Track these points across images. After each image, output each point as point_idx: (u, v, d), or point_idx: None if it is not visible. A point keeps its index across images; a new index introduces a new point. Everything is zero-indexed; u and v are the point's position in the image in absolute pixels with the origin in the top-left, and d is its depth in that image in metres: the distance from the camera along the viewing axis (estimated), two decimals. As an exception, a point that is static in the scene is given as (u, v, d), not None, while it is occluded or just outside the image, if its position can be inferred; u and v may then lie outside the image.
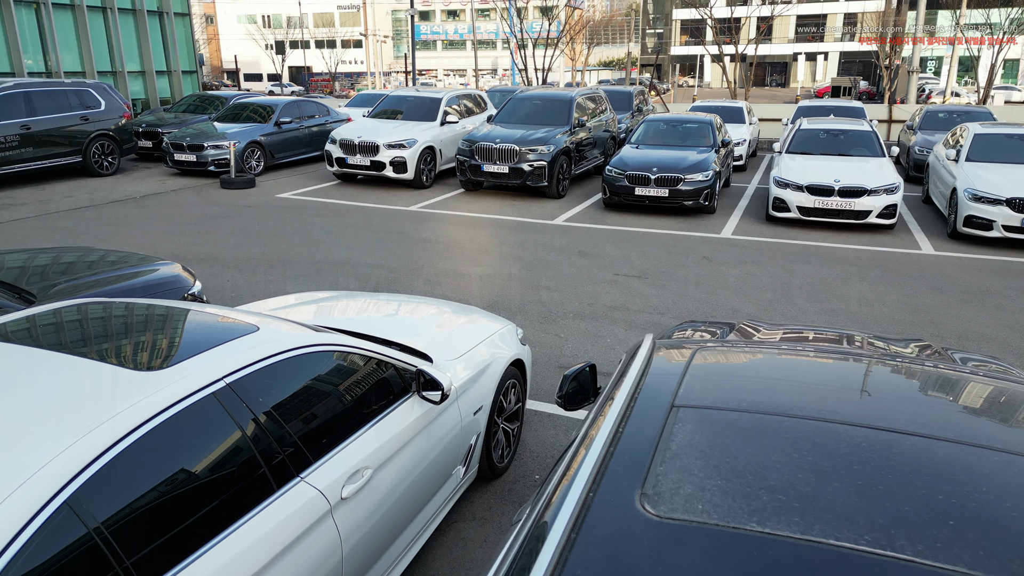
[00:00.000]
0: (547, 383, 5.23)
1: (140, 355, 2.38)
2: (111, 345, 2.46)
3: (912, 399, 1.73)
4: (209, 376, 2.27)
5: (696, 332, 3.60)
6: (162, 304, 2.88)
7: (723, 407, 1.57)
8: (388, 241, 9.20)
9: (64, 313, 2.72)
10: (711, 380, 1.74)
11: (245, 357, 2.42)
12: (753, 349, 2.17)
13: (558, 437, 4.49)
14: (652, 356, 1.94)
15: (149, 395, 2.09)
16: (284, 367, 2.56)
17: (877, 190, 9.53)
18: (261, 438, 2.34)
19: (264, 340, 2.57)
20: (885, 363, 2.08)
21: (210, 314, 2.85)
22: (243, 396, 2.34)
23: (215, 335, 2.58)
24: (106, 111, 13.59)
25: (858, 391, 1.73)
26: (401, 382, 3.11)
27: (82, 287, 4.31)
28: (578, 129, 12.71)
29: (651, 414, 1.54)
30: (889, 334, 5.88)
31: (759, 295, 7.19)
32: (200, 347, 2.43)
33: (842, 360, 2.08)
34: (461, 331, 3.97)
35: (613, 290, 7.33)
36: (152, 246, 8.72)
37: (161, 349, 2.44)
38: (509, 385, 4.04)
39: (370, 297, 4.57)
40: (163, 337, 2.56)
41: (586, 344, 5.94)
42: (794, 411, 1.54)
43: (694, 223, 10.33)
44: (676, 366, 1.84)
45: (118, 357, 2.35)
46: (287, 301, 4.37)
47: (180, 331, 2.64)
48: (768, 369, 1.93)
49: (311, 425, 2.57)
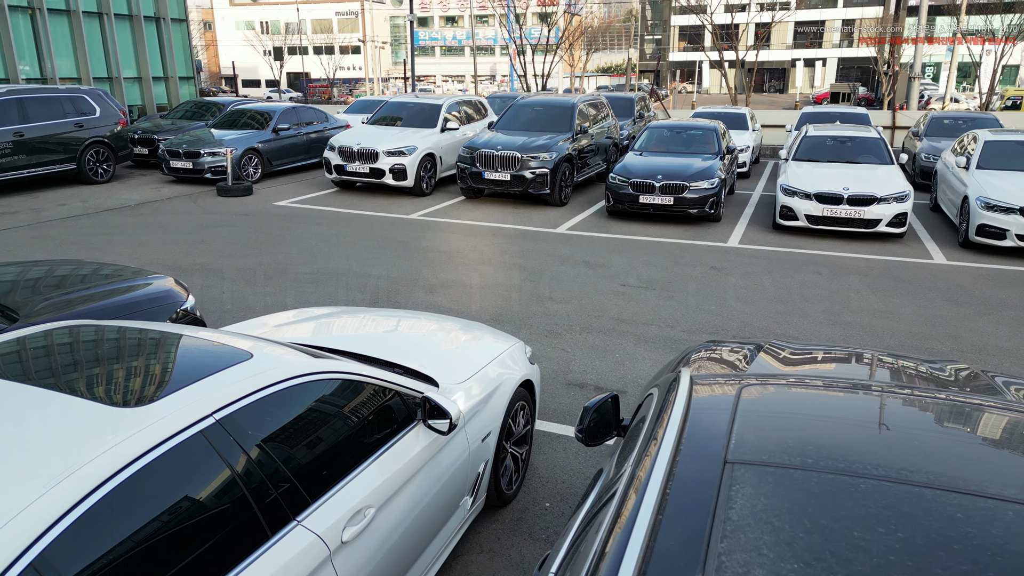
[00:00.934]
0: (555, 401, 5.02)
1: (120, 389, 2.17)
2: (88, 377, 2.25)
3: (994, 454, 1.53)
4: (196, 412, 2.06)
5: (720, 351, 3.40)
6: (148, 328, 2.67)
7: (786, 464, 1.36)
8: (388, 250, 8.99)
9: (39, 339, 2.50)
10: (764, 427, 1.54)
11: (237, 389, 2.21)
12: (800, 384, 1.96)
13: (568, 460, 4.28)
14: (691, 395, 1.73)
15: (128, 437, 1.87)
16: (279, 398, 2.35)
17: (887, 198, 9.34)
18: (254, 479, 2.13)
19: (258, 369, 2.36)
20: (950, 402, 1.87)
21: (200, 339, 2.63)
22: (234, 433, 2.13)
23: (204, 364, 2.37)
24: (101, 118, 13.39)
25: (931, 440, 1.53)
26: (405, 410, 2.90)
27: (69, 304, 4.10)
28: (580, 136, 12.53)
29: (702, 471, 1.34)
30: (923, 355, 5.68)
31: (770, 307, 6.99)
32: (187, 378, 2.22)
33: (900, 398, 1.88)
34: (467, 351, 3.76)
35: (620, 301, 7.12)
36: (146, 256, 8.50)
37: (144, 381, 2.23)
38: (518, 407, 3.83)
39: (371, 313, 4.36)
40: (147, 367, 2.35)
41: (594, 359, 5.73)
42: (869, 469, 1.34)
43: (700, 232, 10.14)
44: (722, 409, 1.64)
45: (95, 391, 2.13)
46: (285, 318, 4.16)
47: (166, 360, 2.43)
48: (823, 409, 1.73)
49: (309, 461, 2.36)
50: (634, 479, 1.40)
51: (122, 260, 8.31)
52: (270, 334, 3.76)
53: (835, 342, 6.08)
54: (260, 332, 3.78)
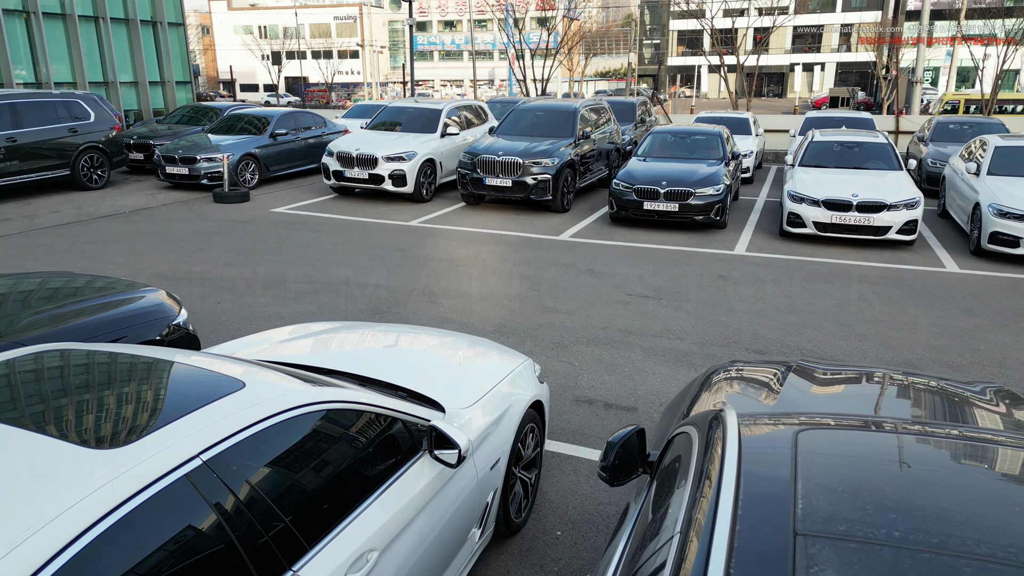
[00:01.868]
0: (563, 419, 4.81)
1: (94, 426, 1.96)
2: (57, 411, 2.04)
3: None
4: (180, 454, 1.85)
5: (748, 372, 3.19)
6: (128, 354, 2.46)
7: (868, 538, 1.16)
8: (387, 259, 8.79)
9: (2, 367, 2.29)
10: (833, 486, 1.33)
11: (226, 426, 2.00)
12: (860, 425, 1.76)
13: (579, 484, 4.07)
14: (742, 442, 1.53)
15: (102, 485, 1.67)
16: (274, 433, 2.14)
17: (897, 205, 9.15)
18: (244, 525, 1.92)
19: (250, 401, 2.15)
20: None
21: (187, 366, 2.43)
22: (223, 474, 1.92)
23: (191, 396, 2.17)
24: (96, 123, 13.18)
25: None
26: (410, 439, 2.70)
27: (52, 320, 3.88)
28: (583, 141, 12.34)
29: (769, 546, 1.14)
30: (959, 376, 5.48)
31: (781, 317, 6.79)
32: (172, 414, 2.02)
33: (973, 445, 1.67)
34: (474, 371, 3.55)
35: (627, 312, 6.92)
36: (139, 265, 8.29)
37: (122, 417, 2.02)
38: (527, 430, 3.63)
39: (372, 329, 4.16)
40: (126, 401, 2.14)
41: (602, 374, 5.52)
42: (970, 545, 1.14)
43: (705, 239, 9.94)
44: (779, 460, 1.44)
45: (64, 429, 1.92)
46: (281, 335, 3.95)
47: (148, 392, 2.22)
48: (892, 459, 1.53)
49: (305, 502, 2.16)
50: (685, 553, 1.19)
51: (115, 269, 8.10)
52: (266, 353, 3.56)
53: (854, 356, 5.88)
54: (255, 351, 3.58)
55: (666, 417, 3.03)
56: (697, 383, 3.09)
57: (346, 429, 2.46)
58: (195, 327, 6.19)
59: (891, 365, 5.71)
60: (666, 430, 2.81)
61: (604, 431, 4.65)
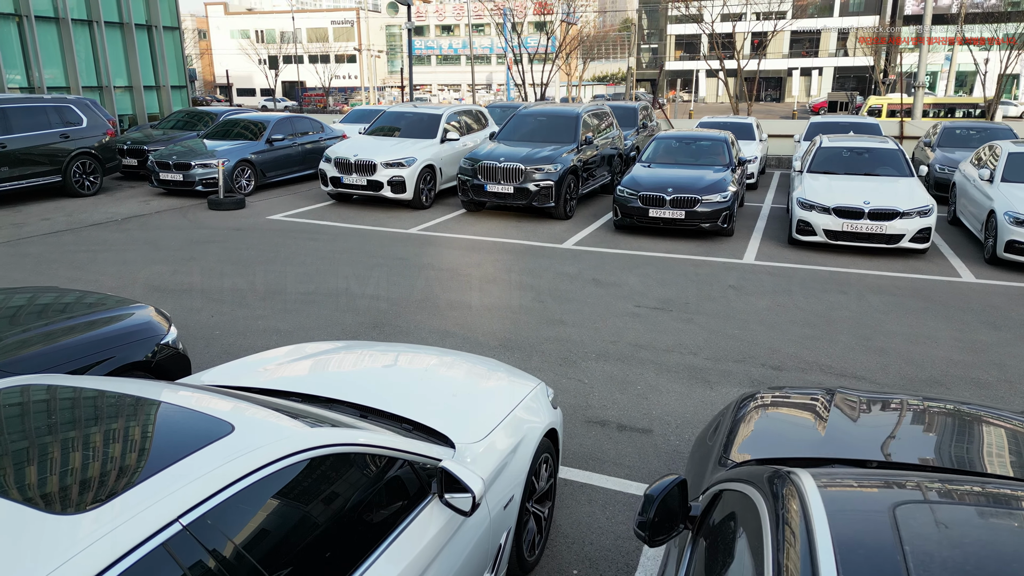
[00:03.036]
0: (575, 442, 4.55)
1: (57, 484, 1.70)
2: (16, 466, 1.78)
3: None
4: (156, 519, 1.59)
5: (787, 398, 2.95)
6: (101, 390, 2.20)
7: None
8: (387, 268, 8.53)
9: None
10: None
11: (211, 481, 1.74)
12: (964, 494, 1.50)
13: (594, 515, 3.81)
14: (829, 519, 1.27)
15: (60, 564, 1.40)
16: (266, 485, 1.88)
17: (910, 212, 8.92)
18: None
19: (239, 448, 1.89)
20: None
21: (169, 405, 2.17)
22: (206, 539, 1.66)
23: (173, 443, 1.91)
24: (88, 128, 12.91)
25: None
26: (418, 482, 2.44)
27: (26, 343, 3.62)
28: (585, 147, 12.11)
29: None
30: (999, 405, 5.22)
31: (797, 331, 6.54)
32: (150, 466, 1.76)
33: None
34: (485, 398, 3.30)
35: (636, 325, 6.67)
36: (130, 276, 8.02)
37: (92, 472, 1.76)
38: (542, 460, 3.37)
39: (373, 350, 3.90)
40: (97, 450, 1.87)
41: (614, 392, 5.27)
42: None
43: (713, 247, 9.70)
44: (883, 545, 1.18)
45: (24, 487, 1.66)
46: (277, 356, 3.68)
47: (122, 440, 1.96)
48: (1012, 544, 1.28)
49: (302, 563, 1.90)
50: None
51: (104, 280, 7.83)
52: (260, 378, 3.30)
53: (875, 373, 5.63)
54: (249, 377, 3.32)
55: (697, 453, 2.78)
56: (728, 415, 2.84)
57: (347, 475, 2.20)
58: (186, 343, 5.92)
59: (932, 393, 5.46)
60: (700, 469, 2.56)
61: (619, 455, 4.39)
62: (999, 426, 2.45)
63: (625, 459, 4.35)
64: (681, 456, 4.39)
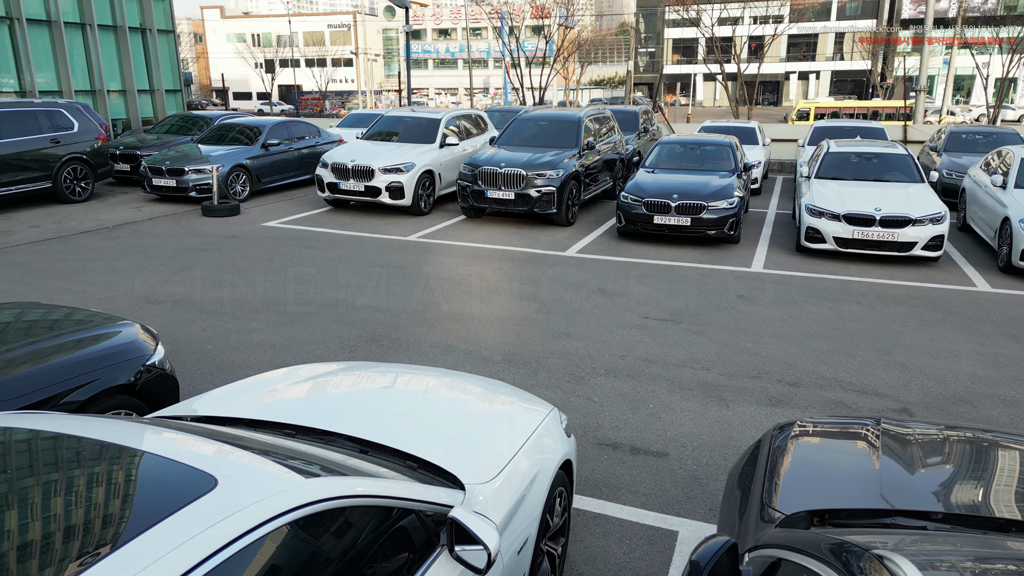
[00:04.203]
0: (586, 467, 4.29)
1: (3, 565, 1.44)
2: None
3: None
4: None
5: (824, 434, 2.70)
6: (66, 433, 1.94)
7: None
8: (385, 278, 8.27)
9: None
10: None
11: (187, 554, 1.48)
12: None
13: (610, 549, 3.55)
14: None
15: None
16: (250, 552, 1.62)
17: (923, 220, 8.69)
18: None
19: (222, 509, 1.63)
20: None
21: (145, 455, 1.90)
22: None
23: (145, 505, 1.65)
24: (79, 133, 12.63)
25: None
26: (424, 532, 2.18)
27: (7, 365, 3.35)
28: (587, 152, 11.87)
29: None
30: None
31: (812, 344, 6.30)
32: (118, 536, 1.50)
33: None
34: (496, 429, 3.04)
35: (645, 338, 6.42)
36: (119, 286, 7.75)
37: (49, 545, 1.50)
38: (556, 494, 3.11)
39: (373, 372, 3.64)
40: (55, 515, 1.61)
41: (625, 411, 5.02)
42: None
43: (719, 255, 9.46)
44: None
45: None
46: (271, 380, 3.41)
47: (88, 500, 1.69)
48: None
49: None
50: None
51: (93, 290, 7.56)
52: (253, 407, 3.04)
53: (897, 389, 5.39)
54: (240, 406, 3.05)
55: (733, 496, 2.52)
56: (764, 451, 2.59)
57: (346, 531, 1.95)
58: (177, 359, 5.67)
59: (957, 409, 5.22)
60: (740, 520, 2.31)
61: (633, 482, 4.14)
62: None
63: (640, 486, 4.10)
64: (699, 482, 4.14)
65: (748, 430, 4.74)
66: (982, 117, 42.78)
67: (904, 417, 4.96)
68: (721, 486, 4.08)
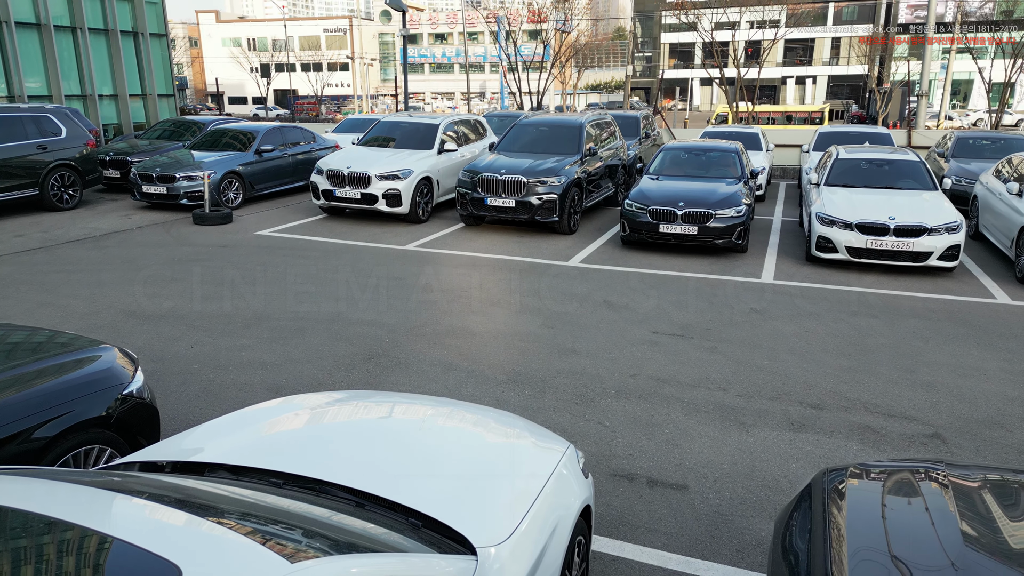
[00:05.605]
0: (601, 501, 3.97)
1: None
2: None
3: None
4: None
5: (878, 476, 2.40)
6: (8, 510, 1.62)
7: None
8: (383, 289, 7.95)
9: None
10: None
11: None
12: None
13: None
14: None
15: None
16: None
17: (938, 229, 8.41)
18: None
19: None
20: None
21: (99, 536, 1.58)
22: None
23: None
24: (67, 139, 12.29)
25: None
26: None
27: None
28: (589, 158, 11.58)
29: None
30: None
31: (831, 361, 6.00)
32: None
33: None
34: (509, 474, 2.71)
35: (656, 355, 6.11)
36: (103, 300, 7.41)
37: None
38: (575, 543, 2.80)
39: (370, 403, 3.31)
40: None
41: (639, 437, 4.70)
42: None
43: (727, 265, 9.17)
44: None
45: None
46: (261, 415, 3.08)
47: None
48: None
49: None
50: None
51: (76, 304, 7.22)
52: (239, 449, 2.71)
53: (925, 411, 5.08)
54: (226, 448, 2.73)
55: (782, 567, 2.20)
56: (819, 500, 2.28)
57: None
58: (161, 380, 5.34)
59: (990, 435, 4.91)
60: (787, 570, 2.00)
61: (652, 519, 3.82)
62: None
63: (660, 523, 3.79)
64: (724, 519, 3.82)
65: (772, 458, 4.43)
66: (980, 122, 42.74)
67: (954, 454, 4.65)
68: (747, 523, 3.77)
